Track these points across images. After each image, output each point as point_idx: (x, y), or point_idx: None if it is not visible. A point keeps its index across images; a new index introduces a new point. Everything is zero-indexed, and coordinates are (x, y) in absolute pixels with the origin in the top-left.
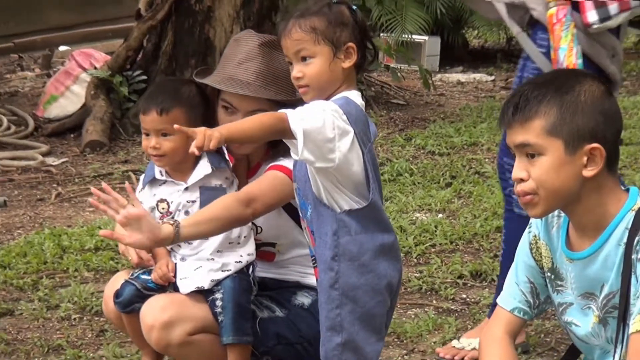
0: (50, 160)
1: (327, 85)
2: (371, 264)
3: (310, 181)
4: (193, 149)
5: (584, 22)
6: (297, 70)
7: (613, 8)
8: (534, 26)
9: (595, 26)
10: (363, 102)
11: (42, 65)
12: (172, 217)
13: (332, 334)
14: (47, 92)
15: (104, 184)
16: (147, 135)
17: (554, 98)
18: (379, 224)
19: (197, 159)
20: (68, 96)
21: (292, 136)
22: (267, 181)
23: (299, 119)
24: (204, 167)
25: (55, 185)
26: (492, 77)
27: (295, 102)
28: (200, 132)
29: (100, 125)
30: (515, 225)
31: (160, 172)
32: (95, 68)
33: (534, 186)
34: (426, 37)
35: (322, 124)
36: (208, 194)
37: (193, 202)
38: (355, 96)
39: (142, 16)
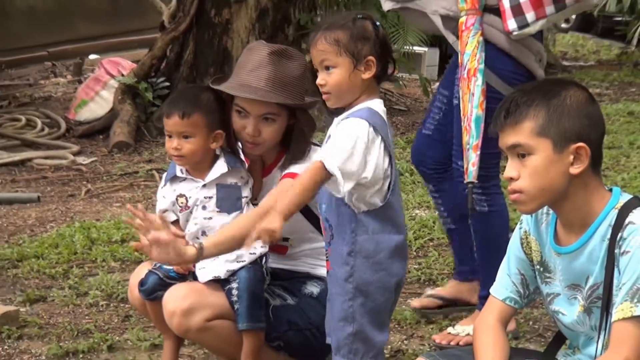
0: (80, 159)
1: (347, 94)
2: (385, 262)
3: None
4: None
5: (505, 30)
6: (320, 78)
7: (530, 16)
8: None
9: (515, 33)
10: (384, 109)
11: (73, 72)
12: (190, 211)
13: (345, 324)
14: (78, 97)
15: (140, 206)
16: (170, 137)
17: (542, 102)
18: (394, 224)
19: (214, 159)
20: (97, 101)
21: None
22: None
23: (331, 158)
24: (220, 166)
25: (85, 182)
26: None
27: (303, 105)
28: (261, 231)
29: (127, 128)
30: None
31: (181, 170)
32: (123, 75)
33: (523, 185)
34: (426, 49)
35: (351, 152)
36: (224, 191)
37: (210, 198)
38: (377, 104)
39: (166, 28)
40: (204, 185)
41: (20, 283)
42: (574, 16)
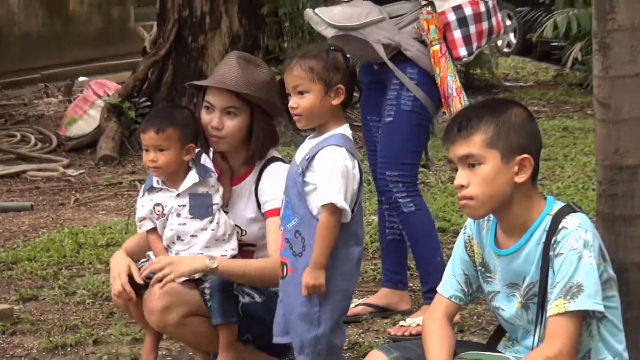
0: (70, 171)
1: (316, 117)
2: (351, 272)
3: (307, 201)
4: None
5: (454, 57)
6: (293, 101)
7: (475, 46)
8: (402, 62)
9: (464, 59)
10: (351, 131)
11: (64, 93)
12: (166, 218)
13: (310, 327)
14: (68, 115)
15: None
16: (147, 150)
17: (491, 118)
18: (357, 237)
19: (187, 170)
20: (85, 119)
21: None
22: (278, 230)
23: (336, 195)
24: (192, 177)
25: (74, 192)
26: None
27: (263, 102)
28: (310, 288)
29: (112, 143)
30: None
31: (157, 181)
32: (108, 95)
33: (474, 191)
34: None
35: (344, 182)
36: (196, 199)
37: (183, 206)
38: (346, 129)
39: (147, 53)
40: (178, 195)
41: (14, 283)
42: (514, 41)
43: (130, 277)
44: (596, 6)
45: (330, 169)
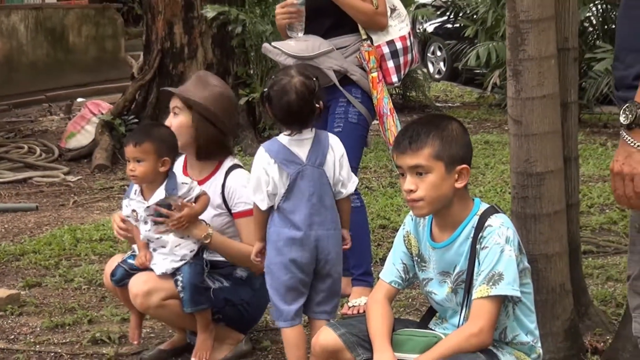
0: (69, 177)
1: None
2: (284, 249)
3: None
4: None
5: (387, 82)
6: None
7: (402, 73)
8: (348, 84)
9: (395, 84)
10: (291, 139)
11: (65, 112)
12: (139, 221)
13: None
14: (68, 130)
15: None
16: (128, 161)
17: (437, 133)
18: (292, 223)
19: (163, 181)
20: (83, 133)
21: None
22: (249, 228)
23: (259, 200)
24: (159, 193)
25: (72, 195)
26: (377, 121)
27: (201, 107)
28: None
29: (105, 154)
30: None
31: (135, 191)
32: (102, 114)
33: (422, 194)
34: None
35: (257, 180)
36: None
37: (151, 215)
38: (281, 137)
39: (135, 77)
40: (148, 207)
41: (21, 272)
42: (444, 69)
43: (124, 269)
44: (510, 39)
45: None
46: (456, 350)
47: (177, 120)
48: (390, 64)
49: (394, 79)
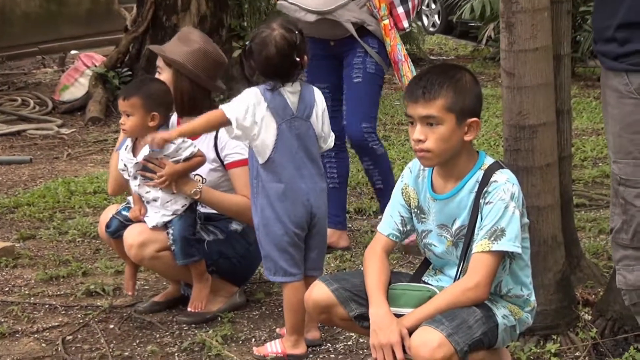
0: (63, 130)
1: None
2: (276, 204)
3: None
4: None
5: (399, 28)
6: None
7: (411, 19)
8: (365, 35)
9: (406, 29)
10: (292, 91)
11: (58, 64)
12: (130, 177)
13: (260, 248)
14: (62, 83)
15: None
16: (120, 115)
17: (450, 85)
18: (281, 177)
19: None
20: (76, 86)
21: (228, 123)
22: (243, 179)
23: (230, 109)
24: (145, 149)
25: (66, 148)
26: None
27: (178, 64)
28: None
29: (99, 106)
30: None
31: (126, 147)
32: (96, 66)
33: (431, 146)
34: None
35: (245, 111)
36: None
37: (140, 170)
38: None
39: (129, 30)
40: (136, 163)
41: (15, 225)
42: (439, 22)
43: (119, 221)
44: None
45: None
46: (452, 304)
47: (161, 78)
48: (400, 9)
49: (405, 24)
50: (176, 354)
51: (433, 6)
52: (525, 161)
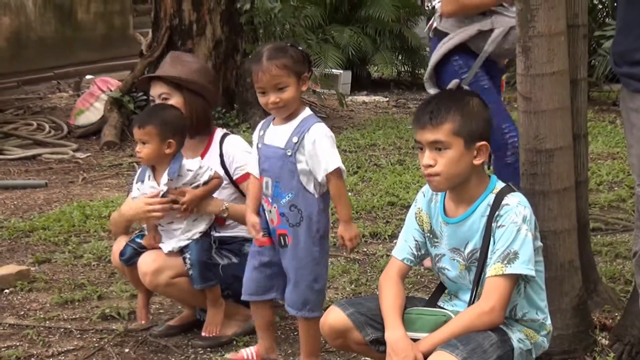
0: (78, 154)
1: (294, 105)
2: (327, 235)
3: (300, 178)
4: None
5: None
6: (275, 97)
7: None
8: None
9: None
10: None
11: (73, 89)
12: None
13: (315, 284)
14: (77, 107)
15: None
16: (136, 143)
17: (457, 109)
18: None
19: (168, 165)
20: (92, 110)
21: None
22: None
23: (338, 161)
24: (164, 178)
25: (81, 172)
26: (387, 99)
27: (192, 84)
28: (349, 240)
29: (114, 130)
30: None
31: (148, 176)
32: (111, 90)
33: (440, 170)
34: (341, 71)
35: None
36: (167, 194)
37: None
38: (310, 110)
39: (144, 54)
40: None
41: (31, 248)
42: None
43: (133, 248)
44: (519, 16)
45: (326, 142)
46: (468, 328)
47: (171, 103)
48: None
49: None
50: None
51: None
52: (542, 185)
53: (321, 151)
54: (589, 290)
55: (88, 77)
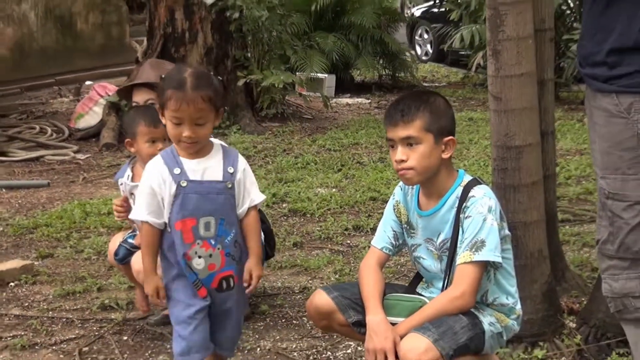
0: (79, 155)
1: (206, 141)
2: None
3: (237, 209)
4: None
5: None
6: (191, 132)
7: None
8: None
9: None
10: None
11: (73, 94)
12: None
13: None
14: (77, 111)
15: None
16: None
17: (426, 107)
18: None
19: None
20: (91, 114)
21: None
22: None
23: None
24: None
25: (82, 172)
26: (369, 101)
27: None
28: None
29: (112, 133)
30: None
31: (127, 176)
32: (109, 95)
33: (412, 164)
34: (326, 75)
35: None
36: None
37: None
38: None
39: (140, 61)
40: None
41: (34, 244)
42: (431, 51)
43: (126, 248)
44: (489, 21)
45: (251, 172)
46: (440, 312)
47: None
48: None
49: None
50: None
51: (426, 36)
52: (512, 179)
53: (249, 182)
54: (557, 277)
55: (87, 83)
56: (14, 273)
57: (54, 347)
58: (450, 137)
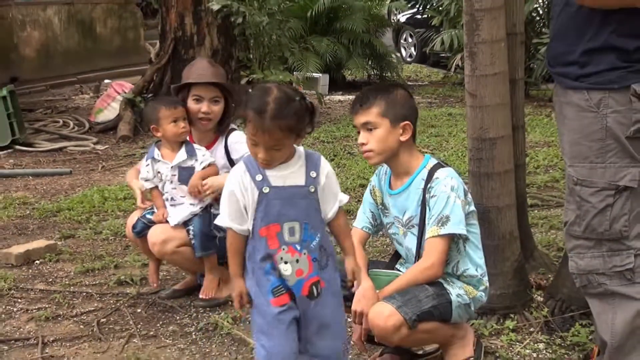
0: (98, 146)
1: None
2: None
3: (321, 213)
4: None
5: None
6: (267, 155)
7: None
8: None
9: None
10: None
11: (93, 91)
12: (164, 183)
13: (344, 331)
14: (96, 107)
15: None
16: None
17: (382, 96)
18: None
19: (180, 146)
20: (109, 109)
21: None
22: None
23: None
24: (181, 154)
25: (101, 161)
26: None
27: (234, 91)
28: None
29: (128, 126)
30: None
31: (158, 154)
32: (125, 92)
33: (372, 147)
34: (320, 74)
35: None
36: (182, 170)
37: (174, 175)
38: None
39: (153, 62)
40: (172, 167)
41: (58, 226)
42: (415, 52)
43: (144, 223)
44: (466, 26)
45: (334, 174)
46: (412, 281)
47: (219, 107)
48: None
49: None
50: (193, 332)
51: (410, 40)
52: (487, 168)
53: (334, 184)
54: (526, 256)
55: (106, 81)
56: (40, 252)
57: (75, 319)
58: (407, 122)
